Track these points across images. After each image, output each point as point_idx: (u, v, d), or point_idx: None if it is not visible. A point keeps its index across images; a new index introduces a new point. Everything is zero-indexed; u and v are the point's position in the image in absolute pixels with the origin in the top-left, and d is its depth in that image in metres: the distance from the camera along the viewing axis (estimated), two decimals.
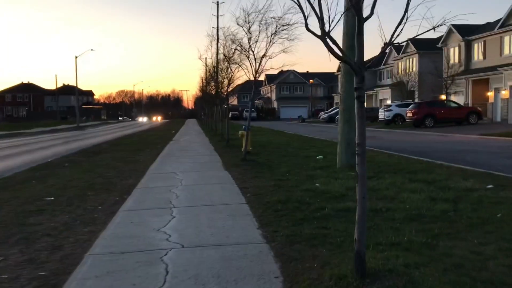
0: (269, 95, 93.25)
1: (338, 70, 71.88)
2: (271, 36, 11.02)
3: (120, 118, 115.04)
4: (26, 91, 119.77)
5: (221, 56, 18.90)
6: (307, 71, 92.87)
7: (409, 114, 31.50)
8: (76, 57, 60.60)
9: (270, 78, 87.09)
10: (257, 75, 11.92)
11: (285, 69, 15.23)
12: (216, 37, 20.24)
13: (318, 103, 79.55)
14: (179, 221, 5.83)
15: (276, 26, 10.97)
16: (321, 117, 52.12)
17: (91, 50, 61.32)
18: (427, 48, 44.17)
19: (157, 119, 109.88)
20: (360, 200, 3.21)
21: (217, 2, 38.01)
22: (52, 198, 7.64)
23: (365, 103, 3.69)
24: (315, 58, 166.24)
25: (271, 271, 3.95)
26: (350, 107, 9.70)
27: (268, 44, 11.24)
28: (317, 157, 12.16)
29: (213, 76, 20.70)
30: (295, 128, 36.45)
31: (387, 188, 7.22)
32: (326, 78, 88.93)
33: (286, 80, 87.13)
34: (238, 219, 5.83)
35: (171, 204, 6.88)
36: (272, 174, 9.62)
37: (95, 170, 11.52)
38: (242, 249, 4.59)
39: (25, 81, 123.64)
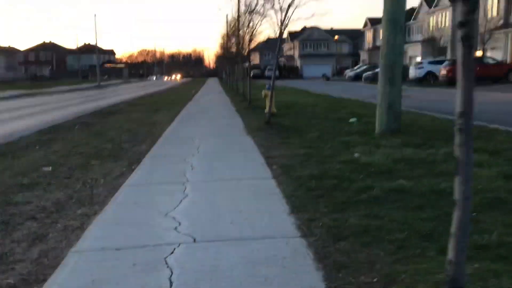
0: (291, 52, 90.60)
1: (365, 25, 68.94)
2: None
3: (141, 77, 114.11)
4: (49, 50, 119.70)
5: (242, 8, 17.37)
6: (331, 28, 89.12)
7: (443, 72, 29.51)
8: (95, 15, 59.36)
9: (292, 35, 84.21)
10: (283, 28, 10.55)
11: (314, 20, 13.67)
12: None
13: (343, 60, 76.76)
14: (192, 202, 4.78)
15: None
16: (346, 75, 50.04)
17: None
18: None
19: (176, 78, 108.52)
20: (462, 201, 2.05)
21: None
22: (51, 168, 6.69)
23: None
24: (339, 15, 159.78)
25: (313, 287, 2.87)
26: (393, 62, 8.34)
27: None
28: (350, 120, 10.89)
29: (234, 31, 19.25)
30: (320, 87, 34.83)
31: (444, 160, 5.98)
32: (351, 35, 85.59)
33: (310, 37, 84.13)
34: (264, 200, 4.75)
35: (185, 178, 5.83)
36: (301, 140, 8.45)
37: (107, 133, 10.56)
38: (270, 246, 3.51)
39: (47, 41, 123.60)
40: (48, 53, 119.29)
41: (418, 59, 47.74)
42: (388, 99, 8.43)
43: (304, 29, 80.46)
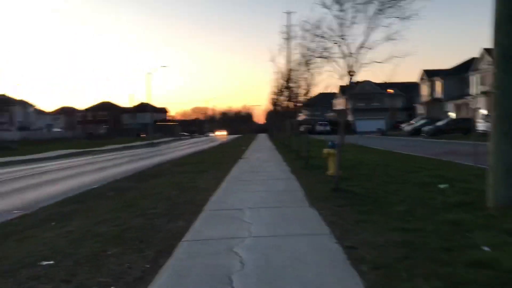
0: (343, 107, 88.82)
1: (421, 78, 66.46)
2: (375, 14, 7.77)
3: (192, 134, 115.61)
4: (106, 109, 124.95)
5: (297, 59, 15.85)
6: (384, 82, 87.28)
7: None
8: (148, 73, 60.89)
9: (344, 89, 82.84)
10: (351, 73, 8.70)
11: (393, 61, 11.81)
12: (287, 37, 17.35)
13: (398, 114, 73.86)
14: None
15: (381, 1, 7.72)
16: (404, 130, 47.24)
17: (163, 66, 60.68)
18: None
19: (223, 134, 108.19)
20: None
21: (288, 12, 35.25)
22: (52, 263, 4.93)
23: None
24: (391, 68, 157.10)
25: None
26: (511, 112, 6.19)
27: (368, 29, 8.01)
28: (441, 186, 8.63)
29: (288, 82, 17.80)
30: (379, 143, 32.43)
31: None
32: (404, 88, 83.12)
33: (361, 91, 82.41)
34: None
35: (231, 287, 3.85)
36: (386, 216, 6.32)
37: (140, 203, 8.87)
38: None
39: (105, 100, 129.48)
40: (105, 112, 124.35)
41: (482, 111, 44.48)
42: (505, 159, 6.21)
43: (356, 83, 79.09)
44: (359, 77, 12.88)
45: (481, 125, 32.08)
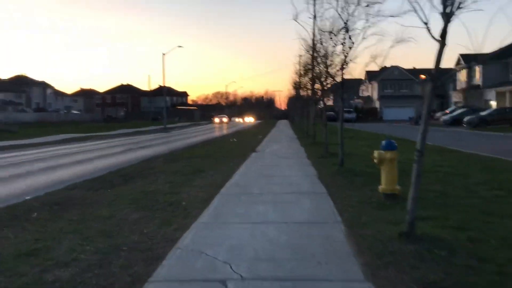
0: (369, 93, 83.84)
1: (457, 63, 60.90)
2: None
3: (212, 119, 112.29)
4: (125, 92, 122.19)
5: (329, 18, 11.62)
6: (414, 67, 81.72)
7: None
8: (163, 54, 57.18)
9: (371, 74, 77.76)
10: None
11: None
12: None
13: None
14: None
15: None
16: (441, 119, 42.42)
17: (179, 47, 56.38)
18: None
19: (242, 119, 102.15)
20: None
21: None
22: None
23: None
24: (421, 52, 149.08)
25: None
26: None
27: None
28: None
29: (315, 57, 13.83)
30: (415, 134, 27.99)
31: None
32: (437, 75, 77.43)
33: (390, 77, 77.17)
34: None
35: None
36: None
37: (51, 247, 5.09)
38: None
39: (125, 83, 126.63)
40: (124, 95, 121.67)
41: None
42: None
43: (384, 67, 73.84)
44: (388, 61, 8.64)
45: None
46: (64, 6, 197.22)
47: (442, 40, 4.50)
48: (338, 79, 10.98)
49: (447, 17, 4.37)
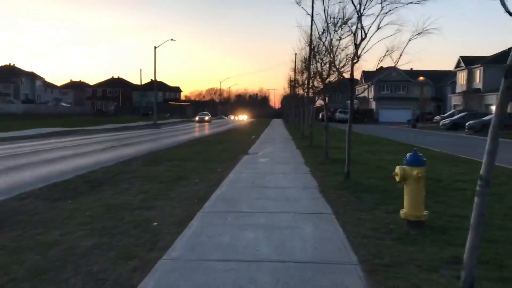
0: (365, 94, 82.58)
1: (457, 65, 59.60)
2: None
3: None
4: (116, 86, 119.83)
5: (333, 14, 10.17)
6: (411, 69, 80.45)
7: None
8: (155, 47, 55.45)
9: (367, 75, 76.46)
10: None
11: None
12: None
13: (428, 105, 67.26)
14: None
15: None
16: (441, 123, 41.09)
17: (172, 40, 54.75)
18: None
19: (235, 117, 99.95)
20: None
21: None
22: None
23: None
24: (420, 54, 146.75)
25: None
26: None
27: None
28: None
29: (316, 51, 12.34)
30: (419, 139, 26.67)
31: None
32: (434, 77, 76.43)
33: (387, 78, 75.88)
34: None
35: None
36: None
37: None
38: None
39: (116, 76, 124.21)
40: (116, 89, 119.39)
41: None
42: None
43: (381, 68, 72.50)
44: (385, 63, 7.18)
45: None
46: None
47: None
48: (346, 75, 9.48)
49: None
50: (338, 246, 4.93)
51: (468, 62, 55.52)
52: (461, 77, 57.38)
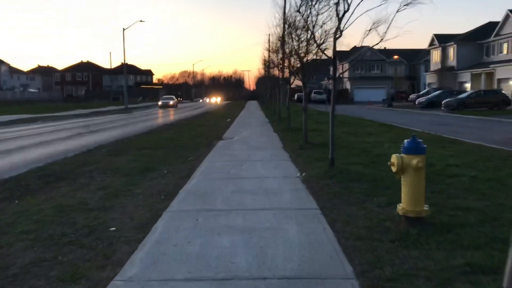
0: (340, 74, 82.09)
1: (431, 43, 59.46)
2: None
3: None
4: (85, 70, 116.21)
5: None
6: (385, 48, 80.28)
7: None
8: (124, 29, 53.32)
9: (341, 55, 75.83)
10: None
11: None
12: None
13: (402, 83, 67.23)
14: None
15: None
16: (417, 102, 40.93)
17: (141, 21, 52.85)
18: None
19: (216, 100, 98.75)
20: None
21: None
22: None
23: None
24: (410, 27, 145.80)
25: None
26: None
27: None
28: None
29: (291, 31, 11.49)
30: (395, 118, 26.24)
31: None
32: (407, 56, 76.40)
33: (361, 58, 75.44)
34: None
35: None
36: None
37: None
38: None
39: (85, 60, 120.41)
40: (85, 73, 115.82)
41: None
42: None
43: (355, 48, 72.09)
44: (358, 42, 6.40)
45: None
46: None
47: None
48: (328, 52, 8.65)
49: None
50: (329, 252, 4.15)
51: (442, 40, 55.47)
52: (435, 55, 57.38)
